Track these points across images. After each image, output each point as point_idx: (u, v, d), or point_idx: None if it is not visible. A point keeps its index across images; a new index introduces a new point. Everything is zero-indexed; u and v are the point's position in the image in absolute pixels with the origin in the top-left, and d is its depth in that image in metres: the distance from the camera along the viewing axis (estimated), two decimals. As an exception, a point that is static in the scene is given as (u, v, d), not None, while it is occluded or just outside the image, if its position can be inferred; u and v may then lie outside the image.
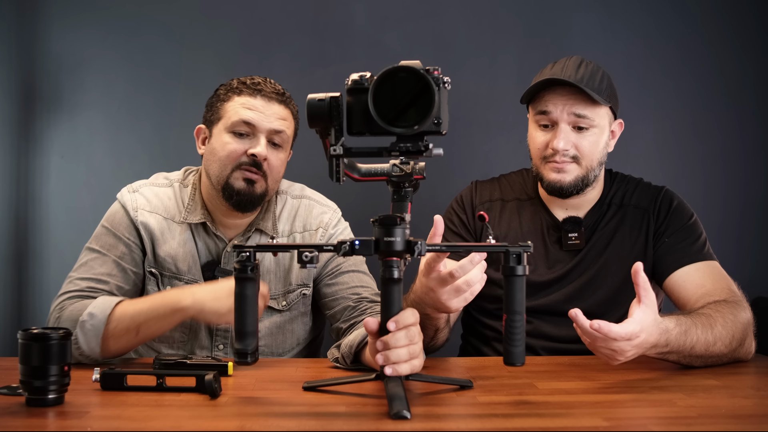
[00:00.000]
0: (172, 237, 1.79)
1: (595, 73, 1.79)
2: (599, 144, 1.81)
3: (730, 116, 2.70)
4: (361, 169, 1.30)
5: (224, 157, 1.74)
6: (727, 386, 1.43)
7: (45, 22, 2.61)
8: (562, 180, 1.80)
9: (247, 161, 1.73)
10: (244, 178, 1.73)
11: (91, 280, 1.72)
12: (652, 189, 1.92)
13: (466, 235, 1.93)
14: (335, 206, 1.92)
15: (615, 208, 1.89)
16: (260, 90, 1.74)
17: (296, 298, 1.84)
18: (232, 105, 1.75)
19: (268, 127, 1.74)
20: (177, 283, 1.79)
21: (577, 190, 1.83)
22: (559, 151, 1.78)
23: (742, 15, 2.70)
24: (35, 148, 2.62)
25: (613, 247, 1.86)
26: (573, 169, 1.80)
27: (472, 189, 1.99)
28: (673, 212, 1.86)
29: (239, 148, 1.73)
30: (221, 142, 1.75)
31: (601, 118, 1.80)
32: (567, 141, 1.78)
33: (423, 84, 1.21)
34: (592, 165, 1.81)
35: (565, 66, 1.80)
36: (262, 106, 1.74)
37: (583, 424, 1.17)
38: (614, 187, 1.92)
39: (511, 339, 1.29)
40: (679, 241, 1.81)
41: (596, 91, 1.76)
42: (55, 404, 1.25)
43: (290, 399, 1.33)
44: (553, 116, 1.79)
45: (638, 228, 1.86)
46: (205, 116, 1.82)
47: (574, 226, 1.85)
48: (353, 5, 2.65)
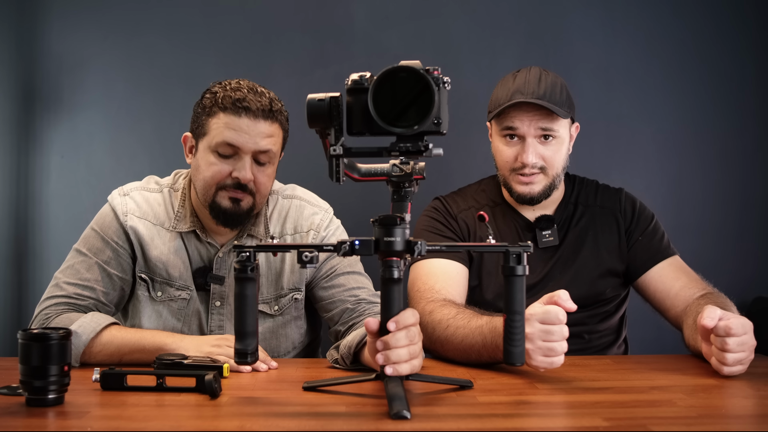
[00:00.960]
0: (162, 243, 1.77)
1: (555, 86, 1.85)
2: (562, 152, 1.89)
3: (730, 116, 2.70)
4: (361, 169, 1.30)
5: (209, 177, 1.69)
6: (727, 386, 1.43)
7: (45, 22, 2.61)
8: (532, 191, 1.88)
9: (232, 183, 1.68)
10: (230, 197, 1.69)
11: (77, 286, 1.72)
12: (611, 190, 2.01)
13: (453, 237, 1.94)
14: (327, 206, 1.89)
15: (582, 208, 1.97)
16: (246, 108, 1.65)
17: (288, 303, 1.83)
18: (216, 123, 1.67)
19: (253, 148, 1.67)
20: (168, 289, 1.78)
21: (545, 197, 1.90)
22: (528, 164, 1.85)
23: (742, 15, 2.70)
24: (35, 148, 2.62)
25: (588, 245, 1.93)
26: (540, 179, 1.88)
27: (442, 202, 2.01)
28: (639, 213, 1.96)
29: (223, 170, 1.68)
30: (206, 161, 1.70)
31: (563, 127, 1.87)
32: (535, 154, 1.85)
33: (423, 84, 1.21)
34: (557, 172, 1.89)
35: (527, 81, 1.85)
36: (248, 126, 1.66)
37: (583, 424, 1.17)
38: (576, 188, 2.00)
39: (511, 339, 1.29)
40: (650, 240, 1.92)
41: (558, 103, 1.83)
42: (55, 404, 1.25)
43: (290, 399, 1.33)
44: (520, 132, 1.85)
45: (609, 227, 1.95)
46: (192, 125, 1.75)
47: (547, 224, 1.92)
48: (353, 5, 2.65)
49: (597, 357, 1.79)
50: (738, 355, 1.46)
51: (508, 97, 1.84)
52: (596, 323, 1.92)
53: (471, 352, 1.59)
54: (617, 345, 1.98)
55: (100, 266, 1.74)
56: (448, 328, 1.64)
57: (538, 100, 1.81)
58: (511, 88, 1.85)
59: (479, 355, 1.57)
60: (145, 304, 1.79)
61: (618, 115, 2.68)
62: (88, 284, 1.72)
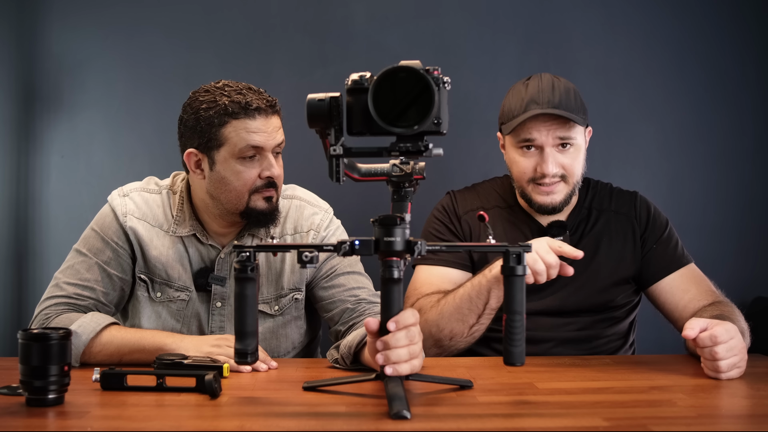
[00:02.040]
0: (162, 244, 1.77)
1: (569, 92, 1.82)
2: (580, 158, 1.86)
3: (730, 116, 2.70)
4: (361, 169, 1.30)
5: (240, 186, 1.70)
6: (727, 386, 1.43)
7: (45, 22, 2.61)
8: (553, 201, 1.85)
9: (263, 183, 1.71)
10: (264, 197, 1.72)
11: (77, 286, 1.72)
12: (626, 195, 1.97)
13: (455, 240, 1.93)
14: (327, 206, 1.89)
15: (597, 213, 1.94)
16: (257, 108, 1.67)
17: (288, 303, 1.83)
18: (233, 130, 1.67)
19: (273, 144, 1.70)
20: (167, 289, 1.78)
21: (567, 204, 1.88)
22: (549, 174, 1.82)
23: (742, 15, 2.70)
24: (35, 148, 2.62)
25: (603, 251, 1.89)
26: (562, 188, 1.85)
27: (451, 198, 2.00)
28: (653, 219, 1.93)
29: (253, 174, 1.70)
30: (232, 170, 1.69)
31: (579, 134, 1.85)
32: (555, 164, 1.82)
33: (423, 84, 1.21)
34: (577, 179, 1.86)
35: (541, 90, 1.81)
36: (264, 125, 1.68)
37: (583, 424, 1.17)
38: (590, 193, 1.97)
39: (511, 339, 1.29)
40: (664, 249, 1.89)
41: (573, 110, 1.80)
42: (55, 404, 1.25)
43: (290, 399, 1.33)
44: (538, 142, 1.81)
45: (624, 233, 1.91)
46: (197, 140, 1.70)
47: (559, 230, 1.88)
48: (353, 5, 2.65)
49: (597, 357, 1.79)
50: (730, 360, 1.46)
51: (523, 107, 1.80)
52: (604, 328, 1.90)
53: (462, 305, 1.69)
54: (624, 350, 1.95)
55: (100, 266, 1.74)
56: (438, 304, 1.73)
57: (554, 110, 1.77)
58: (525, 98, 1.81)
59: (471, 303, 1.68)
60: (145, 304, 1.79)
61: (618, 115, 2.68)
62: (88, 284, 1.72)
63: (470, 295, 1.69)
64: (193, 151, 1.72)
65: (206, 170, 1.72)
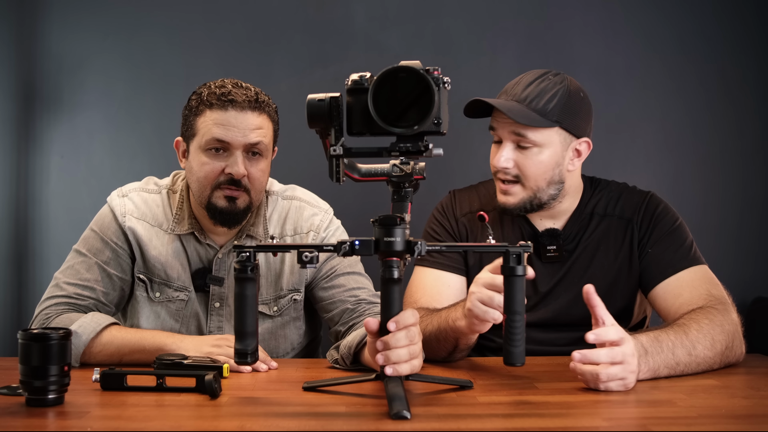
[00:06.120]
0: (161, 244, 1.77)
1: (546, 92, 1.71)
2: (545, 163, 1.73)
3: (730, 116, 2.70)
4: (361, 169, 1.30)
5: (202, 177, 1.68)
6: (727, 386, 1.43)
7: (45, 22, 2.61)
8: (507, 202, 1.77)
9: (226, 180, 1.67)
10: (225, 196, 1.68)
11: (77, 286, 1.72)
12: (636, 197, 1.85)
13: (451, 242, 1.91)
14: (327, 206, 1.88)
15: (598, 219, 1.83)
16: (231, 101, 1.64)
17: (287, 304, 1.83)
18: (204, 121, 1.66)
19: (243, 142, 1.65)
20: (166, 289, 1.78)
21: (525, 211, 1.79)
22: (499, 168, 1.75)
23: (742, 15, 2.70)
24: (35, 148, 2.62)
25: (598, 260, 1.80)
26: (517, 191, 1.76)
27: (451, 198, 1.95)
28: (657, 220, 1.80)
29: (216, 168, 1.67)
30: (198, 161, 1.68)
31: (545, 137, 1.72)
32: (507, 159, 1.73)
33: (423, 84, 1.21)
34: (538, 185, 1.74)
35: (518, 82, 1.76)
36: (235, 119, 1.64)
37: (583, 424, 1.17)
38: (595, 196, 1.85)
39: (511, 339, 1.29)
40: (663, 251, 1.76)
41: (539, 111, 1.70)
42: (55, 404, 1.25)
43: (290, 399, 1.33)
44: (498, 133, 1.76)
45: (621, 240, 1.80)
46: (182, 129, 1.75)
47: (551, 239, 1.80)
48: (353, 5, 2.66)
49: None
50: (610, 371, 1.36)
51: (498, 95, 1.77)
52: None
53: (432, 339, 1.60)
54: None
55: (100, 266, 1.74)
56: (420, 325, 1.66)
57: (504, 103, 1.71)
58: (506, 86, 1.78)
59: (439, 343, 1.60)
60: (144, 304, 1.79)
61: (618, 115, 2.68)
62: (88, 284, 1.72)
63: (437, 336, 1.60)
64: (180, 140, 1.77)
65: (186, 159, 1.75)
